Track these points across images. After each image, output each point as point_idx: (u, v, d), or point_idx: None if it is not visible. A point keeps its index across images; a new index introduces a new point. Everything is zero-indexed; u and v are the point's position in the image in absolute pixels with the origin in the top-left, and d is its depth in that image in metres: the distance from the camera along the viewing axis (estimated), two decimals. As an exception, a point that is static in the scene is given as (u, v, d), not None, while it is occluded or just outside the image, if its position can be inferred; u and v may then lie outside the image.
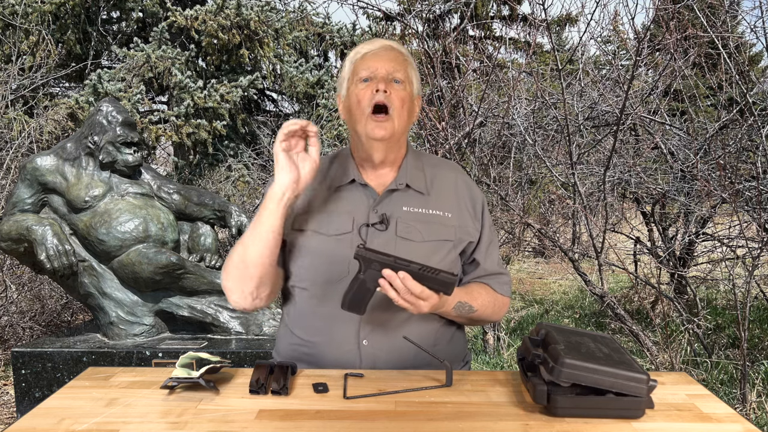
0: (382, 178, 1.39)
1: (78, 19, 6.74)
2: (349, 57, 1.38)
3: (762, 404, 2.98)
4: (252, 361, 2.59)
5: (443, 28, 7.65)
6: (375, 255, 1.17)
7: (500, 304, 1.44)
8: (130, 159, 2.84)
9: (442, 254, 1.35)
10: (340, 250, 1.29)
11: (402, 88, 1.32)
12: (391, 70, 1.32)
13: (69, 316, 4.70)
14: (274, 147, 1.25)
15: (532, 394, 1.08)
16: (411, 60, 1.38)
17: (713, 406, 1.12)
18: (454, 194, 1.41)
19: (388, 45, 1.36)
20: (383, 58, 1.33)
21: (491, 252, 1.45)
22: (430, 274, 1.16)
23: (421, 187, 1.39)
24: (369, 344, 1.31)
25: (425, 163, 1.44)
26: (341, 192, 1.37)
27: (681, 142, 4.15)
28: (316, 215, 1.35)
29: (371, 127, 1.30)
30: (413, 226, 1.34)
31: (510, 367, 3.85)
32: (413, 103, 1.38)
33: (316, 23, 7.45)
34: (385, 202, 1.36)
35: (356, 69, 1.34)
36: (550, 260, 8.37)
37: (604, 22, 4.80)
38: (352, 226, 1.33)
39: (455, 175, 1.45)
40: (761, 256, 3.07)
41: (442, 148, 3.64)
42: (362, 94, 1.31)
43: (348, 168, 1.39)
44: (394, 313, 1.29)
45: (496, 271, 1.45)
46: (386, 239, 1.32)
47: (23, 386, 2.65)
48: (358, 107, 1.31)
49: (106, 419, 1.05)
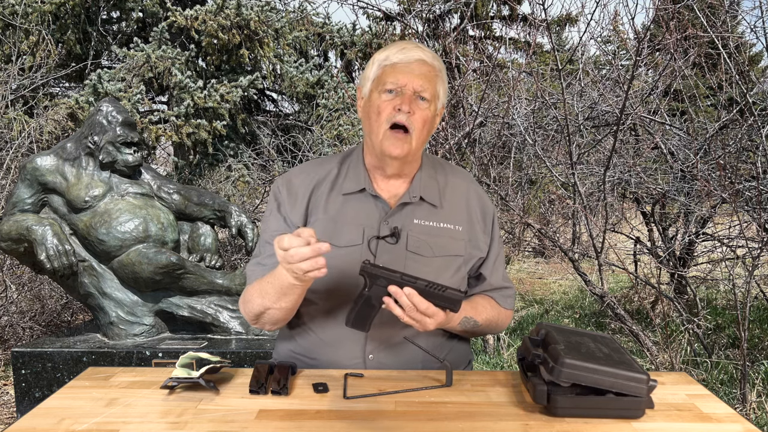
0: (394, 189, 1.35)
1: (78, 19, 6.73)
2: (378, 57, 1.30)
3: (762, 404, 2.98)
4: (252, 361, 2.59)
5: (443, 28, 7.65)
6: (381, 271, 1.14)
7: (504, 318, 1.44)
8: (130, 159, 2.84)
9: (452, 270, 1.33)
10: (349, 262, 1.25)
11: (427, 106, 1.27)
12: (419, 89, 1.25)
13: (69, 316, 4.70)
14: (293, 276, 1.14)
15: (532, 394, 1.08)
16: (442, 73, 1.31)
17: (713, 406, 1.12)
18: (465, 206, 1.38)
19: (422, 58, 1.27)
20: (414, 73, 1.25)
21: (498, 267, 1.43)
22: (438, 291, 1.14)
23: (434, 200, 1.35)
24: (375, 359, 1.30)
25: (438, 171, 1.40)
26: (351, 201, 1.33)
27: (681, 142, 4.15)
28: (326, 224, 1.31)
29: (388, 144, 1.25)
30: (423, 240, 1.31)
31: (510, 367, 3.85)
32: (435, 120, 1.32)
33: (316, 23, 7.45)
34: (396, 214, 1.32)
35: (383, 76, 1.27)
36: (550, 260, 8.37)
37: (604, 22, 4.80)
38: (362, 238, 1.29)
39: (467, 185, 1.42)
40: (761, 256, 3.07)
41: (442, 148, 3.64)
42: (384, 106, 1.25)
43: (359, 175, 1.35)
44: (399, 330, 1.27)
45: (501, 285, 1.44)
46: (396, 253, 1.29)
47: (23, 386, 2.65)
48: (378, 118, 1.26)
49: (106, 419, 1.05)
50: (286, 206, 1.36)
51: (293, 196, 1.35)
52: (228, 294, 2.83)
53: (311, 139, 6.73)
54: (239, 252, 6.04)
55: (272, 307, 1.26)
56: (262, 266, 1.34)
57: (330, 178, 1.36)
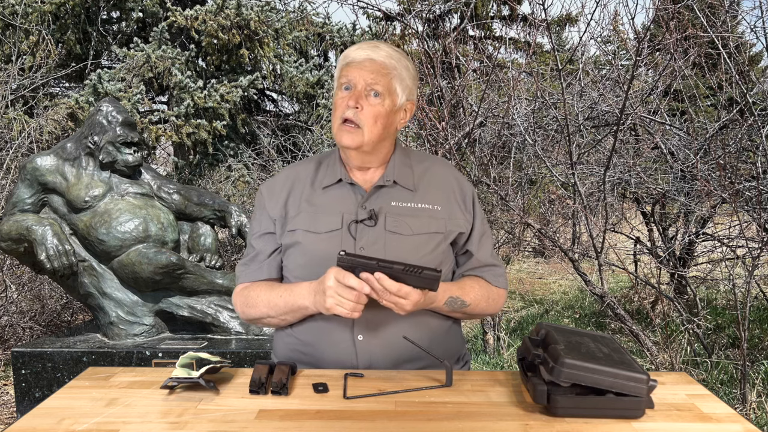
0: (369, 176, 1.41)
1: (78, 19, 6.73)
2: (340, 57, 1.38)
3: (762, 404, 2.98)
4: (252, 361, 2.59)
5: (443, 28, 7.65)
6: (356, 260, 1.18)
7: (495, 297, 1.44)
8: (130, 159, 2.84)
9: (432, 246, 1.35)
10: (331, 247, 1.30)
11: (379, 102, 1.31)
12: (371, 82, 1.30)
13: (69, 316, 4.70)
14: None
15: (532, 394, 1.08)
16: (399, 68, 1.34)
17: (713, 406, 1.12)
18: (442, 188, 1.42)
19: (372, 57, 1.32)
20: (365, 69, 1.31)
21: (484, 243, 1.45)
22: (414, 272, 1.17)
23: (408, 184, 1.40)
24: (364, 340, 1.32)
25: (413, 161, 1.45)
26: (330, 191, 1.39)
27: (681, 142, 4.14)
28: (306, 215, 1.37)
29: (340, 135, 1.33)
30: (402, 220, 1.35)
31: (510, 367, 3.85)
32: (395, 114, 1.36)
33: (316, 23, 7.45)
34: (373, 198, 1.37)
35: (340, 75, 1.35)
36: (550, 260, 8.37)
37: (604, 22, 4.81)
38: (342, 223, 1.34)
39: (443, 170, 1.46)
40: (761, 256, 3.07)
41: (442, 148, 3.63)
42: (339, 102, 1.33)
43: (336, 168, 1.41)
44: (382, 310, 1.29)
45: (490, 262, 1.45)
46: (376, 234, 1.33)
47: (23, 386, 2.65)
48: (334, 114, 1.34)
49: (106, 419, 1.05)
50: (267, 205, 1.43)
51: (273, 194, 1.43)
52: (228, 294, 2.83)
53: (311, 139, 6.73)
54: (239, 252, 6.05)
55: (275, 317, 1.37)
56: (246, 266, 1.44)
57: (309, 175, 1.43)
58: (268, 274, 1.41)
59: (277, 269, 1.42)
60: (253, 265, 1.43)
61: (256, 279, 1.42)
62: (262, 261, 1.42)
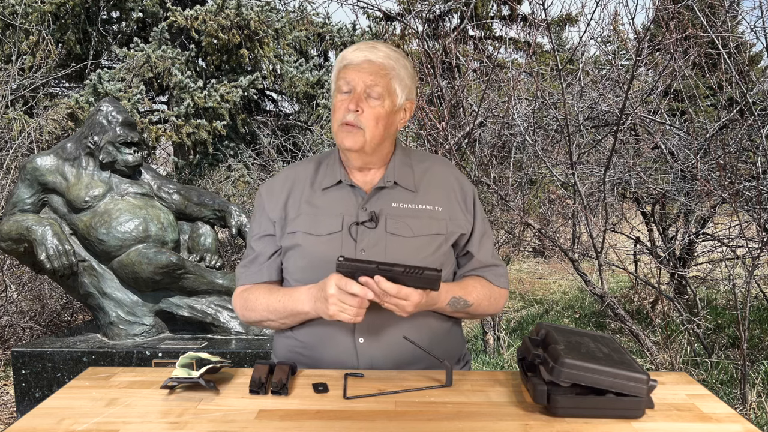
0: (369, 177, 1.40)
1: (78, 19, 6.73)
2: (337, 58, 1.37)
3: (762, 404, 2.98)
4: (252, 361, 2.59)
5: (443, 28, 7.65)
6: (356, 265, 1.18)
7: (497, 297, 1.44)
8: (130, 159, 2.84)
9: (433, 248, 1.35)
10: (332, 250, 1.30)
11: (379, 104, 1.31)
12: (370, 84, 1.30)
13: (69, 316, 4.70)
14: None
15: (532, 394, 1.08)
16: (398, 68, 1.34)
17: (713, 406, 1.12)
18: (443, 188, 1.42)
19: (370, 58, 1.31)
20: (363, 71, 1.30)
21: (485, 243, 1.45)
22: (415, 273, 1.16)
23: (409, 185, 1.39)
24: (365, 343, 1.31)
25: (414, 160, 1.44)
26: (330, 193, 1.38)
27: (681, 142, 4.14)
28: (306, 217, 1.36)
29: (341, 136, 1.32)
30: (403, 221, 1.34)
31: (510, 367, 3.85)
32: (396, 115, 1.37)
33: (316, 23, 7.45)
34: (373, 199, 1.37)
35: (338, 78, 1.34)
36: (550, 260, 8.36)
37: (604, 22, 4.81)
38: (342, 225, 1.33)
39: (444, 169, 1.46)
40: (761, 256, 3.07)
41: (442, 148, 3.63)
42: (338, 106, 1.33)
43: (335, 169, 1.40)
44: (383, 313, 1.29)
45: (491, 262, 1.45)
46: (376, 237, 1.32)
47: (23, 386, 2.65)
48: (334, 116, 1.34)
49: (106, 419, 1.05)
50: (267, 206, 1.42)
51: (272, 196, 1.42)
52: (228, 294, 2.83)
53: (311, 139, 6.73)
54: (239, 252, 6.05)
55: (275, 321, 1.37)
56: (245, 268, 1.44)
57: (308, 176, 1.42)
58: (268, 277, 1.41)
59: (276, 271, 1.42)
60: (253, 267, 1.42)
61: (256, 281, 1.41)
62: (261, 263, 1.41)
